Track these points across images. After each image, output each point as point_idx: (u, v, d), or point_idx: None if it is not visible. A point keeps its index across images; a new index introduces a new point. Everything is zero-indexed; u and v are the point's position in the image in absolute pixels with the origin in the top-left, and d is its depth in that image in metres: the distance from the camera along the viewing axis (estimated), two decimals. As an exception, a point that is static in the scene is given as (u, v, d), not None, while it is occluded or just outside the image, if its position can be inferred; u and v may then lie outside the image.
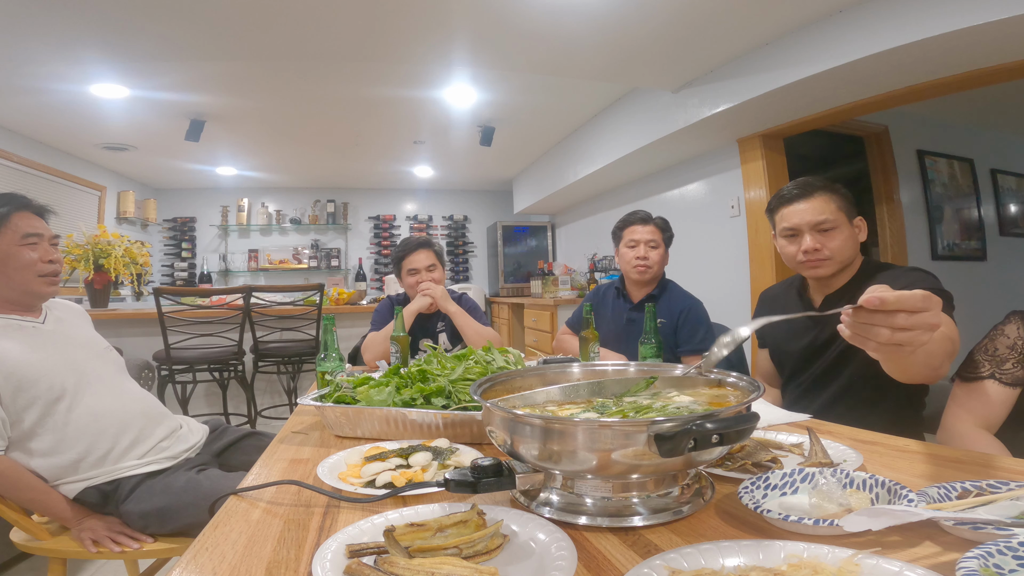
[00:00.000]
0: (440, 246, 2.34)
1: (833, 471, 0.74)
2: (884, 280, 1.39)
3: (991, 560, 0.49)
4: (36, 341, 1.33)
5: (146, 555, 1.29)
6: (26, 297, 1.35)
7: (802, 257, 1.45)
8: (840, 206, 1.44)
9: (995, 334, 1.21)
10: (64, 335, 1.40)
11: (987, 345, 1.21)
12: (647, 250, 2.12)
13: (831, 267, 1.45)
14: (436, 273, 2.27)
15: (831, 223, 1.42)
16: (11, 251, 1.29)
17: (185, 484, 1.34)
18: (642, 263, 2.12)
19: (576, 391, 0.91)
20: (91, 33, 2.46)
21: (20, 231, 1.30)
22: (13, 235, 1.30)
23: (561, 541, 0.61)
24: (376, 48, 2.69)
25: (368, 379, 1.24)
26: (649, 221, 2.17)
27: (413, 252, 2.26)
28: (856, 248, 1.47)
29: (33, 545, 1.29)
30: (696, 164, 3.88)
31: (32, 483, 1.25)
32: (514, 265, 6.39)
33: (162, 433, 1.44)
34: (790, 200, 1.48)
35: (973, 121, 4.26)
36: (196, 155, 4.93)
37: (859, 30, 2.22)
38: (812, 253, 1.43)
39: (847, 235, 1.44)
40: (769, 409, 1.29)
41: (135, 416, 1.41)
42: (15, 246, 1.29)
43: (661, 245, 2.15)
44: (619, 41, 2.62)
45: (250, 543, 0.67)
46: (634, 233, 2.15)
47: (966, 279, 3.99)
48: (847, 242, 1.43)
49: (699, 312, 2.11)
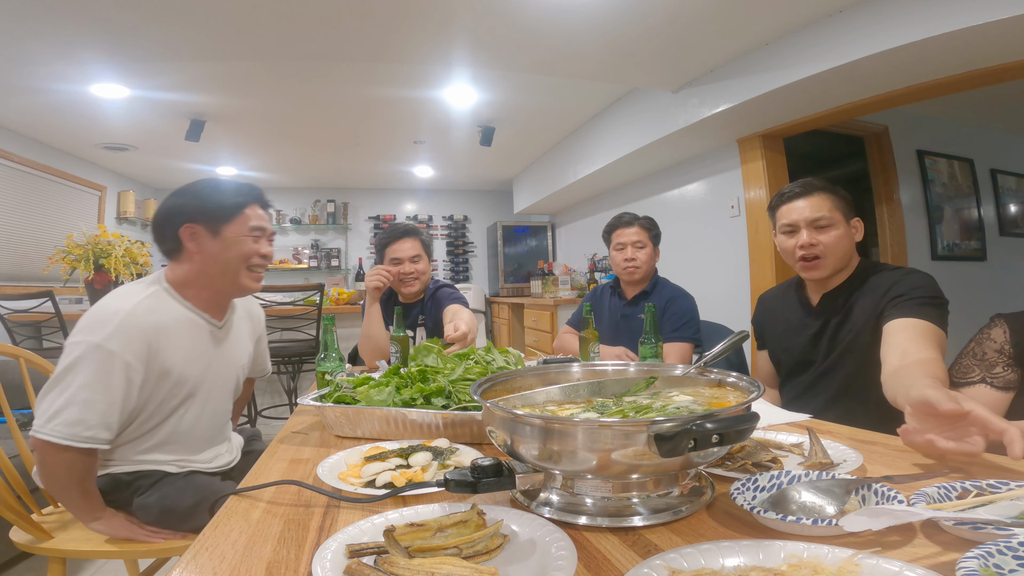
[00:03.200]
0: (428, 236, 2.29)
1: (819, 474, 0.74)
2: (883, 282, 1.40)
3: (991, 560, 0.49)
4: (205, 347, 1.33)
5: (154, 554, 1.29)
6: (230, 288, 1.35)
7: (799, 252, 1.49)
8: (837, 206, 1.48)
9: (981, 338, 1.21)
10: (227, 347, 1.41)
11: (974, 349, 1.21)
12: (634, 251, 2.22)
13: (826, 267, 1.48)
14: (421, 264, 2.20)
15: (827, 220, 1.46)
16: (238, 239, 1.30)
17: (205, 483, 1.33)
18: (631, 264, 2.22)
19: (576, 391, 0.91)
20: (91, 33, 2.46)
21: (250, 222, 1.33)
22: (243, 226, 1.31)
23: (561, 541, 0.61)
24: (376, 48, 2.69)
25: (368, 379, 1.24)
26: (634, 223, 2.26)
27: (398, 240, 2.19)
28: (851, 248, 1.50)
29: (33, 545, 1.29)
30: (696, 164, 3.88)
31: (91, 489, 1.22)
32: (514, 265, 6.39)
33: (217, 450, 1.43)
34: (790, 198, 1.53)
35: (973, 121, 4.25)
36: (196, 155, 4.92)
37: (859, 30, 2.22)
38: (808, 248, 1.47)
39: (842, 233, 1.47)
40: (769, 409, 1.29)
41: (218, 431, 1.43)
42: (242, 235, 1.31)
43: (648, 244, 2.24)
44: (619, 41, 2.61)
45: (250, 543, 0.67)
46: (621, 236, 2.25)
47: (966, 279, 3.99)
48: (841, 240, 1.47)
49: (683, 303, 2.18)
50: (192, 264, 1.30)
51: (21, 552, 1.86)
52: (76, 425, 1.13)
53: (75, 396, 1.13)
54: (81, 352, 1.14)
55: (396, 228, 2.24)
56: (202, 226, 1.28)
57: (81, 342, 1.15)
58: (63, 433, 1.12)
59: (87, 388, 1.13)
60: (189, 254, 1.30)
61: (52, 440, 1.12)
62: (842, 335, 1.48)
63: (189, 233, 1.28)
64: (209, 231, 1.29)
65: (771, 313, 1.71)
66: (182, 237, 1.28)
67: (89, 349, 1.14)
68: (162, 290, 1.28)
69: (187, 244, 1.29)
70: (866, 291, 1.45)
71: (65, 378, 1.14)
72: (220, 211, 1.29)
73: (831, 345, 1.50)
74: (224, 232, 1.29)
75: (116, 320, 1.16)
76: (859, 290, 1.47)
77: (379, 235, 2.36)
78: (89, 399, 1.13)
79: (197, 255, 1.29)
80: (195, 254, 1.29)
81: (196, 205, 1.29)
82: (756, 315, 1.80)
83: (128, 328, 1.17)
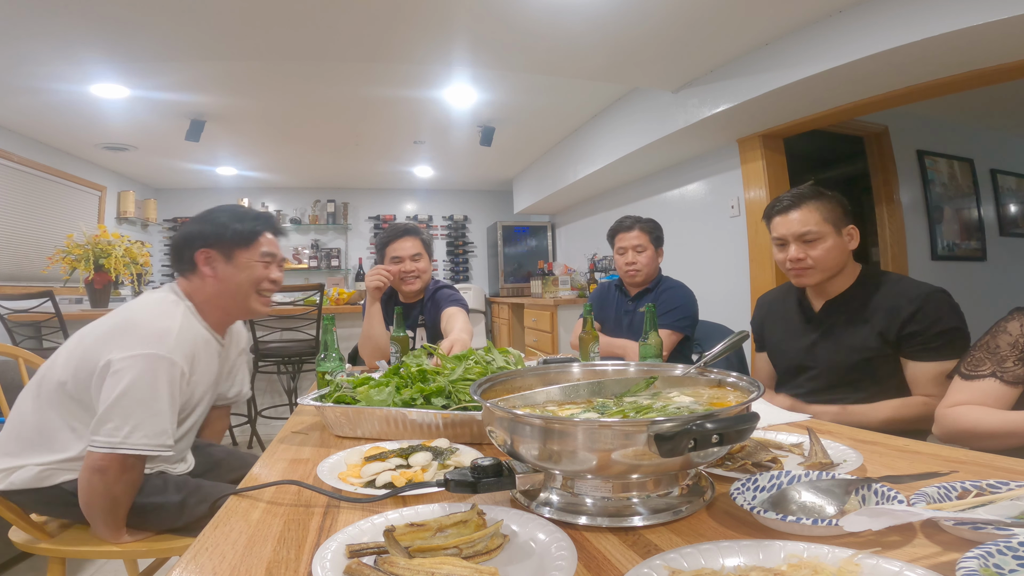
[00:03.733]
0: (428, 235, 2.30)
1: (819, 474, 0.74)
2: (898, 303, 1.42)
3: (991, 560, 0.49)
4: (213, 365, 1.40)
5: (154, 554, 1.29)
6: (239, 310, 1.42)
7: (788, 265, 1.53)
8: (826, 217, 1.49)
9: (997, 330, 1.21)
10: (223, 364, 1.48)
11: (988, 342, 1.21)
12: (635, 255, 2.28)
13: (815, 276, 1.51)
14: (421, 263, 2.21)
15: (814, 234, 1.48)
16: (250, 264, 1.38)
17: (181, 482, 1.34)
18: (631, 268, 2.29)
19: (576, 391, 0.91)
20: (91, 33, 2.46)
21: (263, 248, 1.40)
22: (255, 252, 1.39)
23: (561, 541, 0.61)
24: (376, 48, 2.69)
25: (368, 379, 1.24)
26: (635, 227, 2.31)
27: (399, 239, 2.19)
28: (843, 256, 1.51)
29: (33, 545, 1.28)
30: (696, 164, 3.88)
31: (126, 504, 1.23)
32: (514, 265, 6.39)
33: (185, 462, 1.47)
34: (780, 211, 1.56)
35: (973, 121, 4.25)
36: (196, 155, 4.93)
37: (859, 30, 2.22)
38: (796, 262, 1.50)
39: (831, 245, 1.48)
40: (769, 409, 1.29)
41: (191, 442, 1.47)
42: (254, 261, 1.39)
43: (649, 247, 2.29)
44: (619, 41, 2.61)
45: (250, 543, 0.67)
46: (622, 240, 2.32)
47: (966, 279, 3.99)
48: (830, 252, 1.48)
49: (678, 293, 2.25)
50: (204, 285, 1.36)
51: (21, 552, 1.85)
52: (161, 435, 1.17)
53: (153, 408, 1.16)
54: (148, 365, 1.17)
55: (397, 227, 2.25)
56: (217, 251, 1.36)
57: (145, 355, 1.17)
58: (149, 444, 1.15)
59: (161, 399, 1.17)
60: (202, 276, 1.36)
61: (137, 452, 1.14)
62: (843, 348, 1.48)
63: (204, 257, 1.35)
64: (223, 256, 1.36)
65: (771, 316, 1.72)
66: (197, 261, 1.35)
67: (155, 361, 1.17)
68: (189, 310, 1.34)
69: (202, 267, 1.36)
70: (874, 308, 1.45)
71: (137, 394, 1.15)
72: (236, 237, 1.37)
73: (831, 355, 1.50)
74: (237, 257, 1.37)
75: (173, 334, 1.22)
76: (864, 304, 1.47)
77: (380, 235, 2.38)
78: (163, 409, 1.18)
79: (211, 278, 1.36)
80: (209, 277, 1.36)
81: (214, 231, 1.36)
82: (755, 317, 1.80)
83: (183, 342, 1.24)
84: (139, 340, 1.19)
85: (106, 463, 1.14)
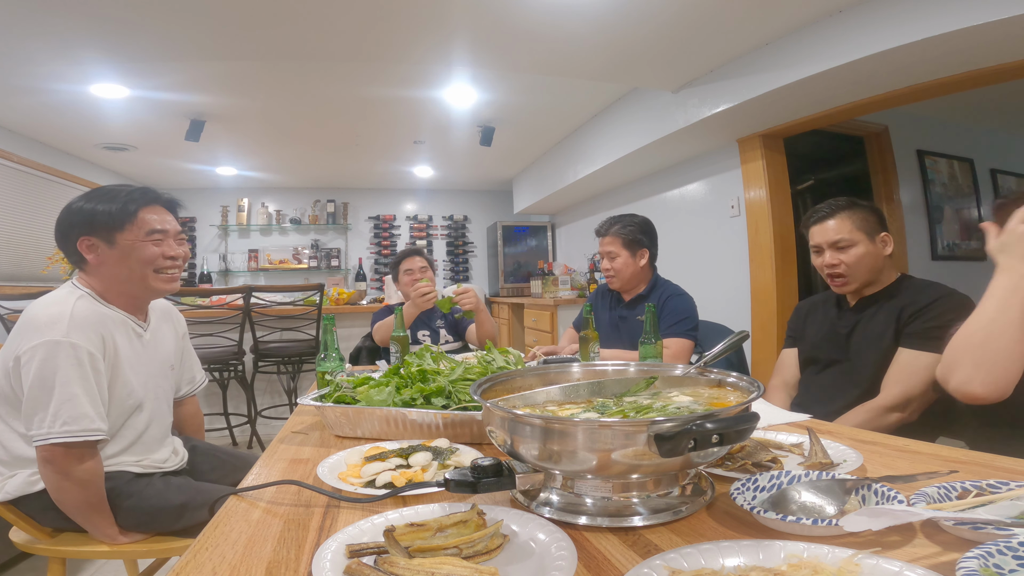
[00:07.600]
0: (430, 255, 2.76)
1: (819, 474, 0.74)
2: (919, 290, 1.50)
3: (991, 560, 0.49)
4: (137, 354, 1.34)
5: (154, 554, 1.29)
6: (143, 292, 1.35)
7: (826, 271, 1.61)
8: (859, 225, 1.56)
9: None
10: (155, 349, 1.42)
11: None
12: (608, 262, 2.22)
13: (852, 283, 1.58)
14: (428, 273, 2.62)
15: (847, 242, 1.56)
16: (135, 246, 1.29)
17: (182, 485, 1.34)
18: (607, 274, 2.24)
19: (576, 391, 0.91)
20: (91, 33, 2.46)
21: (146, 227, 1.30)
22: (139, 231, 1.29)
23: (561, 541, 0.61)
24: (376, 48, 2.69)
25: (368, 379, 1.24)
26: (607, 233, 2.23)
27: (409, 257, 2.66)
28: (878, 262, 1.57)
29: (33, 545, 1.29)
30: (696, 164, 3.88)
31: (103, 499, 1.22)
32: (514, 265, 6.39)
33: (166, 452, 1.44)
34: (816, 220, 1.64)
35: (973, 121, 4.25)
36: (196, 155, 4.92)
37: (859, 30, 2.22)
38: (831, 268, 1.59)
39: (864, 252, 1.55)
40: (769, 409, 1.29)
41: (165, 430, 1.45)
42: (139, 242, 1.29)
43: (622, 252, 2.20)
44: (619, 41, 2.61)
45: (250, 543, 0.67)
46: (600, 246, 2.28)
47: (966, 279, 3.95)
48: (863, 258, 1.55)
49: (680, 301, 2.18)
50: (99, 273, 1.30)
51: (21, 552, 1.85)
52: (81, 419, 1.14)
53: (62, 394, 1.13)
54: (46, 352, 1.14)
55: (405, 250, 2.74)
56: (97, 237, 1.27)
57: (42, 343, 1.14)
58: (72, 431, 1.13)
59: (69, 383, 1.14)
60: (93, 266, 1.29)
61: (65, 440, 1.12)
62: (865, 336, 1.55)
63: (87, 246, 1.28)
64: (104, 241, 1.28)
65: (811, 316, 1.76)
66: (81, 250, 1.28)
67: (53, 347, 1.14)
68: (87, 295, 1.28)
69: (87, 256, 1.28)
70: (899, 304, 1.52)
71: (43, 382, 1.13)
72: (110, 220, 1.27)
73: (858, 345, 1.57)
74: (119, 241, 1.28)
75: (66, 319, 1.17)
76: (889, 300, 1.55)
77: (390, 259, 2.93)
78: (76, 393, 1.14)
79: (100, 266, 1.29)
80: (97, 265, 1.29)
81: (84, 218, 1.27)
82: (793, 319, 1.83)
83: (83, 325, 1.19)
84: (35, 330, 1.16)
85: (49, 454, 1.14)
